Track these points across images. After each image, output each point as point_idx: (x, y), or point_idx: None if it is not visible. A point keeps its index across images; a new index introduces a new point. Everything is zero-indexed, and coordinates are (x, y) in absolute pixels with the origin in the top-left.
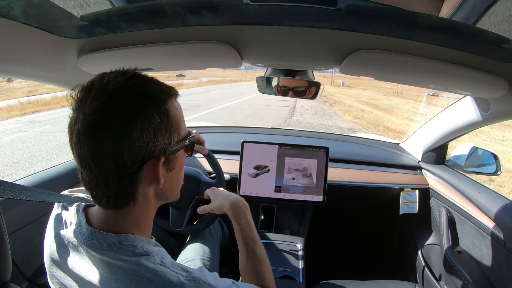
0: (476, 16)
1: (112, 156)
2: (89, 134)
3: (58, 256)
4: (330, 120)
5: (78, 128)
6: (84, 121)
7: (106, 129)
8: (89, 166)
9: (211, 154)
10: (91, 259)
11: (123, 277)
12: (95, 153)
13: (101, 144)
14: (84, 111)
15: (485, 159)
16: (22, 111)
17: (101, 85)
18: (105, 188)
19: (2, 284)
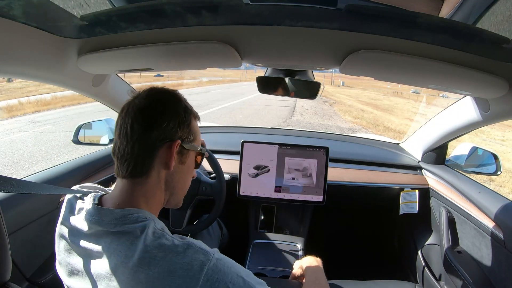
0: (476, 16)
1: (146, 127)
2: (136, 109)
3: (66, 239)
4: (330, 120)
5: (128, 107)
6: (136, 102)
7: (149, 109)
8: (126, 132)
9: (211, 154)
10: (98, 234)
11: (126, 243)
12: (134, 121)
13: (141, 117)
14: (139, 99)
15: (485, 159)
16: (22, 111)
17: (156, 90)
18: (130, 152)
19: (2, 284)
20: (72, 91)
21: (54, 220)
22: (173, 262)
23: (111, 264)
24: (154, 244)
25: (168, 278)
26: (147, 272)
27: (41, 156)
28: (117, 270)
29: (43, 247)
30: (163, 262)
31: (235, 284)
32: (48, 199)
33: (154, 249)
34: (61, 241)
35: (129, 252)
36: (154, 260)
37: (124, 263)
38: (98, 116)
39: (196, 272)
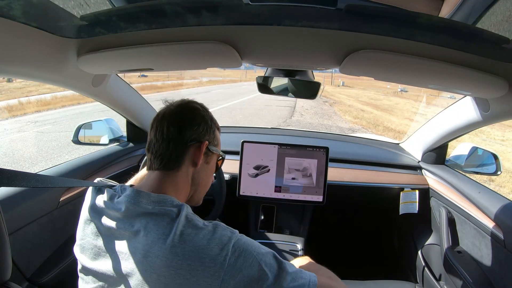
0: (476, 16)
1: (180, 129)
2: (171, 114)
3: (95, 223)
4: (330, 120)
5: (164, 112)
6: (171, 108)
7: (182, 114)
8: (162, 132)
9: None
10: (134, 213)
11: (162, 223)
12: (170, 124)
13: (177, 120)
14: (173, 106)
15: (485, 159)
16: (22, 111)
17: (186, 100)
18: (165, 149)
19: (2, 283)
20: (72, 91)
21: (54, 220)
22: (206, 237)
23: (148, 241)
24: (188, 224)
25: (202, 250)
26: (183, 246)
27: (41, 156)
28: (154, 246)
29: (43, 247)
30: (197, 238)
31: (259, 253)
32: (48, 199)
33: (188, 228)
34: (88, 226)
35: (166, 230)
36: (189, 236)
37: (161, 240)
38: (98, 116)
39: (225, 244)
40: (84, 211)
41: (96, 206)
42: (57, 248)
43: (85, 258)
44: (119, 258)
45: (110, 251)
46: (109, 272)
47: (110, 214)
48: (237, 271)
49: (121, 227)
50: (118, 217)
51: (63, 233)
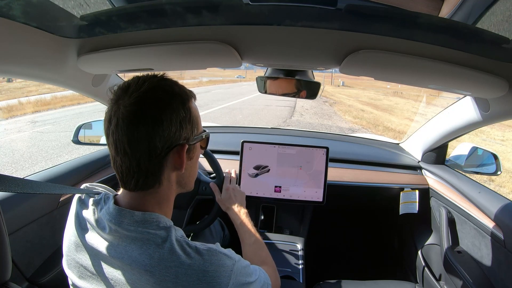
0: (476, 16)
1: (146, 140)
2: (128, 122)
3: (80, 238)
4: (330, 120)
5: (117, 117)
6: (124, 111)
7: (142, 118)
8: (124, 150)
9: (211, 154)
10: (117, 236)
11: (148, 251)
12: (131, 138)
13: (137, 131)
14: (124, 103)
15: (485, 159)
16: (22, 111)
17: (138, 84)
18: (136, 169)
19: (2, 283)
20: (72, 91)
21: (54, 220)
22: (201, 269)
23: (135, 272)
24: (179, 253)
25: (198, 285)
26: (175, 281)
27: (41, 156)
28: (142, 278)
29: (43, 247)
30: (191, 271)
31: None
32: (48, 199)
33: (180, 257)
34: (72, 241)
35: (153, 261)
36: (181, 269)
37: (149, 272)
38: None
39: (224, 277)
40: (69, 223)
41: (80, 219)
42: (57, 248)
43: (72, 275)
44: (104, 283)
45: (98, 274)
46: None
47: (95, 232)
48: None
49: (106, 251)
50: (103, 239)
51: (63, 233)
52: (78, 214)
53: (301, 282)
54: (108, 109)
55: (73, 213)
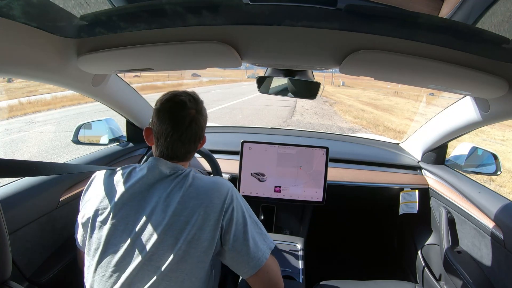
0: (476, 16)
1: (197, 132)
2: (188, 124)
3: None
4: (331, 120)
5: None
6: (191, 116)
7: (196, 119)
8: (189, 140)
9: (211, 155)
10: (154, 178)
11: (177, 180)
12: (194, 132)
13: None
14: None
15: (484, 159)
16: (22, 111)
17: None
18: (188, 146)
19: (2, 282)
20: (72, 91)
21: (54, 220)
22: (212, 185)
23: (167, 191)
24: (198, 176)
25: (209, 191)
26: (195, 190)
27: (41, 157)
28: (172, 193)
29: (43, 247)
30: (204, 183)
31: (242, 206)
32: (48, 199)
33: (198, 179)
34: (105, 199)
35: (180, 183)
36: (200, 182)
37: (177, 188)
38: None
39: (226, 188)
40: (95, 187)
41: (114, 180)
42: (57, 248)
43: (108, 225)
44: (147, 213)
45: (137, 210)
46: (137, 227)
47: (133, 179)
48: (230, 213)
49: (145, 188)
50: (142, 180)
51: (63, 233)
52: (110, 179)
53: (301, 282)
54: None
55: (101, 182)
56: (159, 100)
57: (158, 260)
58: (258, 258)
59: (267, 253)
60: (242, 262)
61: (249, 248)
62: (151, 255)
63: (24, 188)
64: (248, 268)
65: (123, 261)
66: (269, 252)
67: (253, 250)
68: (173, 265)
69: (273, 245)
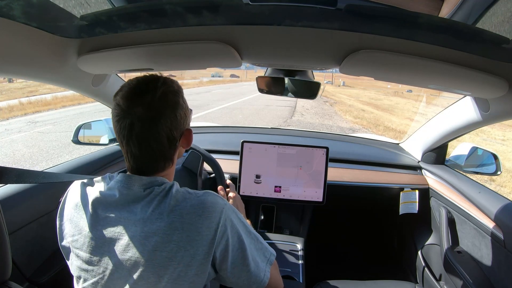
0: (476, 16)
1: (167, 134)
2: (152, 122)
3: (91, 214)
4: (331, 120)
5: (141, 119)
6: (144, 113)
7: (163, 118)
8: (150, 144)
9: (211, 156)
10: (128, 201)
11: (154, 203)
12: (156, 134)
13: (160, 128)
14: (144, 106)
15: (485, 159)
16: (22, 111)
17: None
18: (160, 157)
19: (2, 282)
20: (72, 91)
21: (54, 220)
22: (200, 206)
23: (146, 223)
24: (180, 197)
25: (197, 220)
26: (181, 220)
27: (42, 156)
28: (152, 226)
29: (43, 247)
30: (190, 207)
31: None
32: (48, 199)
33: (182, 201)
34: (79, 220)
35: (160, 209)
36: (185, 205)
37: (159, 219)
38: (98, 116)
39: (219, 211)
40: (69, 207)
41: (87, 198)
42: (57, 248)
43: (82, 253)
44: (122, 245)
45: (110, 240)
46: (114, 260)
47: (105, 202)
48: (224, 242)
49: (118, 215)
50: (113, 205)
51: None
52: (83, 194)
53: (301, 282)
54: (122, 112)
55: (77, 196)
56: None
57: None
58: (261, 279)
59: (268, 271)
60: (244, 286)
61: (250, 272)
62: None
63: (25, 188)
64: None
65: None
66: (269, 268)
67: (255, 272)
68: None
69: (274, 257)
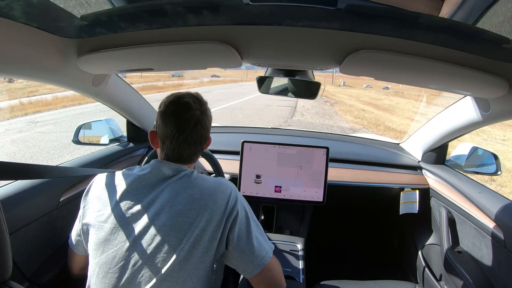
0: (476, 16)
1: (202, 133)
2: (201, 127)
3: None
4: (331, 120)
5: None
6: (196, 118)
7: (202, 124)
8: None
9: (212, 155)
10: (157, 179)
11: (180, 182)
12: (195, 131)
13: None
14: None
15: (485, 159)
16: (23, 111)
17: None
18: (194, 147)
19: (3, 282)
20: (72, 91)
21: (54, 219)
22: (216, 186)
23: (172, 193)
24: (200, 177)
25: (213, 192)
26: (199, 191)
27: (42, 157)
28: (177, 196)
29: (43, 247)
30: (208, 184)
31: (245, 207)
32: (48, 199)
33: (202, 180)
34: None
35: (184, 184)
36: (205, 183)
37: (182, 190)
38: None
39: (230, 189)
40: (97, 189)
41: (116, 180)
42: (57, 248)
43: (107, 225)
44: (152, 212)
45: (138, 210)
46: (138, 227)
47: (138, 179)
48: (234, 213)
49: (150, 189)
50: (147, 181)
51: (63, 232)
52: (111, 180)
53: (301, 282)
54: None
55: (103, 183)
56: (163, 102)
57: (160, 260)
58: (263, 256)
59: (270, 252)
60: (247, 261)
61: (253, 247)
62: (154, 256)
63: (25, 188)
64: (253, 266)
65: (124, 261)
66: (272, 252)
67: (258, 248)
68: (175, 265)
69: (273, 246)
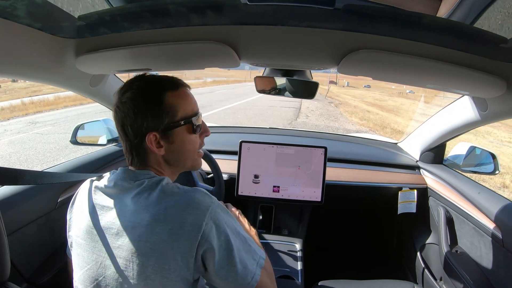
0: (474, 16)
1: (125, 127)
2: (121, 113)
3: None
4: (337, 122)
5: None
6: (118, 105)
7: (120, 111)
8: (122, 133)
9: (210, 155)
10: (121, 191)
11: (145, 194)
12: (124, 126)
13: (121, 118)
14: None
15: (483, 159)
16: (24, 111)
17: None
18: (129, 150)
19: (1, 283)
20: (70, 91)
21: (52, 220)
22: (186, 202)
23: (134, 214)
24: (168, 190)
25: (181, 215)
26: (165, 213)
27: (37, 160)
28: (139, 217)
29: (41, 248)
30: (175, 202)
31: (227, 223)
32: (46, 199)
33: (170, 194)
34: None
35: (147, 201)
36: (171, 200)
37: (144, 211)
38: (99, 116)
39: (205, 208)
40: (80, 200)
41: (92, 191)
42: (55, 248)
43: (82, 241)
44: (113, 234)
45: (104, 229)
46: (106, 248)
47: (105, 193)
48: (210, 238)
49: (112, 205)
50: (110, 195)
51: (61, 233)
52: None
53: (299, 282)
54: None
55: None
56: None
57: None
58: (248, 282)
59: (257, 274)
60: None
61: (237, 274)
62: (121, 282)
63: (23, 189)
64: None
65: (96, 284)
66: (260, 271)
67: (242, 274)
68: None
69: (263, 259)
